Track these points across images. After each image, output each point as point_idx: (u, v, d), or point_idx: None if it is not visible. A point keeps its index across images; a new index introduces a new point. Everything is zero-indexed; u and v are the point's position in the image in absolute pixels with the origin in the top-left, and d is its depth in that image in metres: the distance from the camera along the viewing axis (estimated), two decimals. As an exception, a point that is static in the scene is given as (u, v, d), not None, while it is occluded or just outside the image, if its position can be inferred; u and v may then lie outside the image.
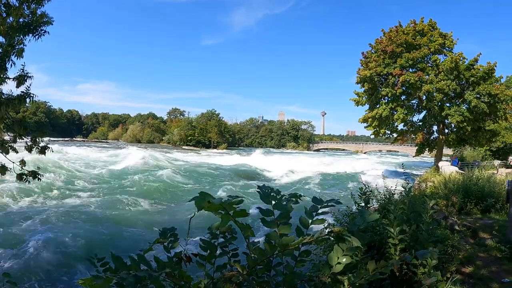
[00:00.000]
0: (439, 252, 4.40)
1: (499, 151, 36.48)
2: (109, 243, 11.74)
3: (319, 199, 1.61)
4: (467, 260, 6.01)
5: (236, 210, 1.39)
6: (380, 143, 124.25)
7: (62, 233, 11.95)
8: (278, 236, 1.52)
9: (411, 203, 5.46)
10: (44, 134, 8.53)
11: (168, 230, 1.83)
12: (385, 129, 29.26)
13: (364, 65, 28.21)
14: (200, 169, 35.82)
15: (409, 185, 6.98)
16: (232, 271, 1.67)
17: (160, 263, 1.52)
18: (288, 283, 1.57)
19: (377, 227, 4.99)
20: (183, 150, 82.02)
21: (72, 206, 16.46)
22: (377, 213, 1.57)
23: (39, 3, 7.31)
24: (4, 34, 6.99)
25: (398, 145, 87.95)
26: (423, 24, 27.46)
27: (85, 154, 44.14)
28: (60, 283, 9.04)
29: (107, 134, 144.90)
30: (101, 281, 1.21)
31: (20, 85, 7.25)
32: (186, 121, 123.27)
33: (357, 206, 6.17)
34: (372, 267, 1.54)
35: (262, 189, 1.58)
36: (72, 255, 10.46)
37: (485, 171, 14.20)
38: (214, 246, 1.75)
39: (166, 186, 24.46)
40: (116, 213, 16.03)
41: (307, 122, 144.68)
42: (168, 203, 19.57)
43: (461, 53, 26.31)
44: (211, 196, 1.34)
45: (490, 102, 24.59)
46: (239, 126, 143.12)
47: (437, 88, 25.37)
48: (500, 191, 10.79)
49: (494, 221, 9.10)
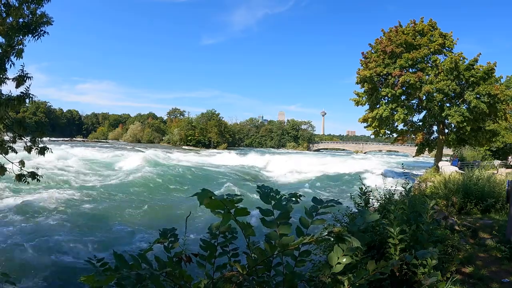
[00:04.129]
0: (439, 252, 4.40)
1: (499, 151, 36.49)
2: (109, 243, 11.74)
3: (319, 199, 1.61)
4: (467, 260, 6.00)
5: (238, 208, 1.39)
6: (380, 143, 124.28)
7: (61, 233, 11.95)
8: (278, 236, 1.52)
9: (411, 203, 5.46)
10: (43, 134, 8.53)
11: (168, 230, 1.83)
12: (385, 129, 29.27)
13: (364, 65, 28.21)
14: (200, 169, 35.82)
15: (409, 185, 6.98)
16: (232, 271, 1.67)
17: (160, 263, 1.52)
18: (288, 283, 1.56)
19: (377, 227, 4.98)
20: (183, 150, 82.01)
21: (71, 206, 16.44)
22: (377, 213, 1.57)
23: (39, 4, 7.32)
24: (4, 34, 6.99)
25: (398, 145, 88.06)
26: (423, 24, 27.45)
27: (85, 154, 44.13)
28: (59, 283, 9.03)
29: (107, 134, 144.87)
30: (104, 278, 1.21)
31: (19, 86, 7.26)
32: (186, 121, 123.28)
33: (357, 206, 6.17)
34: (372, 267, 1.53)
35: (262, 188, 1.58)
36: (71, 255, 10.45)
37: (485, 171, 14.18)
38: (214, 246, 1.75)
39: (165, 186, 24.47)
40: (115, 213, 16.02)
41: (307, 122, 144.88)
42: (167, 203, 19.55)
43: (461, 53, 26.30)
44: (212, 192, 1.34)
45: (490, 102, 24.58)
46: (239, 126, 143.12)
47: (437, 89, 25.37)
48: (500, 191, 10.79)
49: (494, 221, 9.09)
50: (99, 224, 13.75)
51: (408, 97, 27.94)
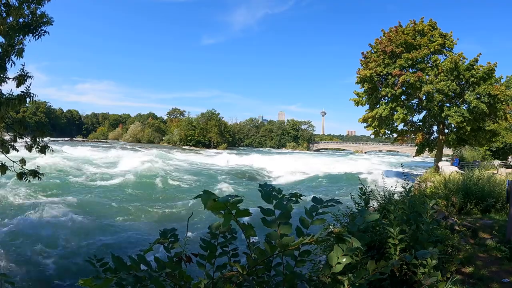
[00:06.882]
0: (439, 252, 4.40)
1: (499, 151, 36.50)
2: (108, 244, 11.74)
3: (319, 199, 1.61)
4: (467, 260, 6.00)
5: (239, 209, 1.39)
6: (380, 143, 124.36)
7: (60, 234, 11.95)
8: (279, 236, 1.52)
9: (411, 203, 5.46)
10: (44, 133, 8.54)
11: (168, 230, 1.83)
12: (385, 129, 29.25)
13: (364, 65, 28.19)
14: (200, 169, 35.82)
15: (409, 185, 6.98)
16: (232, 271, 1.67)
17: (160, 263, 1.52)
18: (288, 283, 1.56)
19: (377, 227, 4.99)
20: (183, 150, 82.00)
21: (69, 206, 16.44)
22: (377, 213, 1.57)
23: (39, 3, 7.32)
24: (4, 34, 7.00)
25: (398, 145, 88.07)
26: (423, 24, 27.44)
27: (85, 154, 44.15)
28: (59, 284, 9.03)
29: (107, 134, 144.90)
30: (101, 281, 1.21)
31: (20, 85, 7.27)
32: (186, 121, 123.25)
33: (357, 206, 6.16)
34: (372, 267, 1.54)
35: (264, 188, 1.57)
36: (71, 255, 10.45)
37: (485, 171, 14.19)
38: (214, 246, 1.75)
39: (165, 186, 24.47)
40: (115, 213, 16.02)
41: (307, 122, 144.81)
42: (167, 203, 19.55)
43: (461, 53, 26.26)
44: (215, 194, 1.34)
45: (490, 102, 24.56)
46: (239, 126, 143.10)
47: (437, 89, 25.34)
48: (500, 191, 10.79)
49: (494, 221, 9.10)
50: (99, 224, 13.75)
51: (408, 97, 27.93)
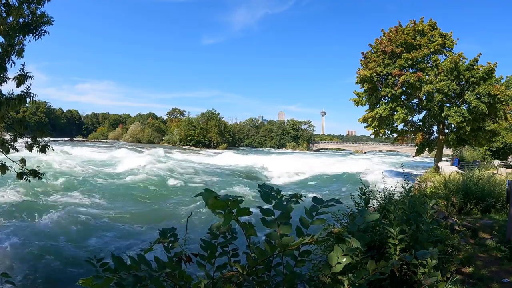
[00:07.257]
0: (439, 252, 4.40)
1: (499, 151, 36.50)
2: (108, 244, 11.74)
3: (319, 199, 1.61)
4: (467, 260, 6.00)
5: (240, 208, 1.39)
6: (380, 143, 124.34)
7: (60, 233, 11.95)
8: (279, 236, 1.52)
9: (411, 203, 5.46)
10: (44, 133, 8.54)
11: (168, 230, 1.83)
12: (385, 129, 29.28)
13: (364, 65, 28.21)
14: (200, 169, 35.83)
15: (409, 185, 6.97)
16: (232, 271, 1.67)
17: (160, 263, 1.52)
18: (288, 283, 1.56)
19: (377, 227, 4.99)
20: (183, 150, 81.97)
21: (70, 206, 16.44)
22: (377, 213, 1.57)
23: (39, 3, 7.32)
24: (4, 34, 7.00)
25: (398, 145, 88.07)
26: (423, 24, 27.46)
27: (84, 154, 44.15)
28: (59, 284, 9.03)
29: (107, 134, 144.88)
30: (101, 281, 1.21)
31: (20, 85, 7.27)
32: (186, 121, 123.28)
33: (357, 206, 6.17)
34: (372, 267, 1.54)
35: (263, 188, 1.58)
36: (71, 255, 10.45)
37: (485, 171, 14.19)
38: (214, 246, 1.75)
39: (165, 186, 24.46)
40: (115, 213, 16.02)
41: (307, 122, 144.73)
42: (167, 203, 19.54)
43: (461, 53, 26.29)
44: (216, 193, 1.35)
45: (490, 102, 24.57)
46: (239, 126, 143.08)
47: (437, 89, 25.36)
48: (500, 191, 10.79)
49: (494, 221, 9.10)
50: (99, 224, 13.75)
51: (408, 97, 27.95)
